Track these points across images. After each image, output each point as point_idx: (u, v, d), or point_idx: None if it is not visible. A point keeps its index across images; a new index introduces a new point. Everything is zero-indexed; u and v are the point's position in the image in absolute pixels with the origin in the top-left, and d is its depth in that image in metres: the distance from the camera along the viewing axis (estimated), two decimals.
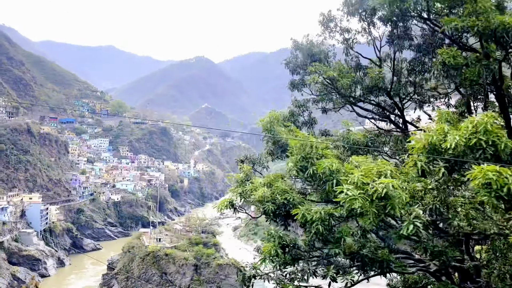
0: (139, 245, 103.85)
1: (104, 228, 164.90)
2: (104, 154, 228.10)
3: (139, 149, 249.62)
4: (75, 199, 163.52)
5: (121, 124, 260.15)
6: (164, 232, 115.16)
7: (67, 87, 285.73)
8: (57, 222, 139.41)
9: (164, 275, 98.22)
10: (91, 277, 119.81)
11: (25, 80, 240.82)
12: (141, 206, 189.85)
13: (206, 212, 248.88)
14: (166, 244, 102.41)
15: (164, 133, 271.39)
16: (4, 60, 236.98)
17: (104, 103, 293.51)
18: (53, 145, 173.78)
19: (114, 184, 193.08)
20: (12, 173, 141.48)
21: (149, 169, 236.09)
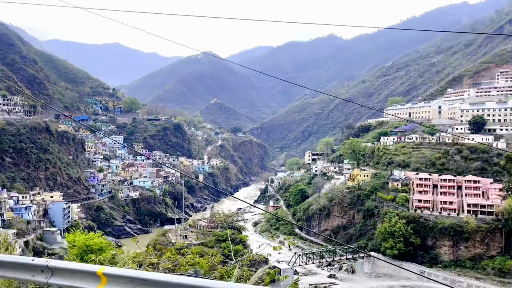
0: (165, 242, 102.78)
1: (123, 225, 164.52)
2: (119, 151, 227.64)
3: (153, 145, 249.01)
4: (94, 196, 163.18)
5: (135, 121, 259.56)
6: (188, 228, 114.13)
7: (79, 85, 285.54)
8: (78, 220, 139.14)
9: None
10: None
11: (38, 79, 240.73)
12: (159, 203, 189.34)
13: (222, 207, 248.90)
14: (192, 241, 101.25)
15: (177, 129, 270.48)
16: (18, 59, 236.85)
17: (117, 100, 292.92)
18: (71, 143, 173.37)
19: (131, 181, 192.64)
20: (33, 172, 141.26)
21: (164, 166, 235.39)
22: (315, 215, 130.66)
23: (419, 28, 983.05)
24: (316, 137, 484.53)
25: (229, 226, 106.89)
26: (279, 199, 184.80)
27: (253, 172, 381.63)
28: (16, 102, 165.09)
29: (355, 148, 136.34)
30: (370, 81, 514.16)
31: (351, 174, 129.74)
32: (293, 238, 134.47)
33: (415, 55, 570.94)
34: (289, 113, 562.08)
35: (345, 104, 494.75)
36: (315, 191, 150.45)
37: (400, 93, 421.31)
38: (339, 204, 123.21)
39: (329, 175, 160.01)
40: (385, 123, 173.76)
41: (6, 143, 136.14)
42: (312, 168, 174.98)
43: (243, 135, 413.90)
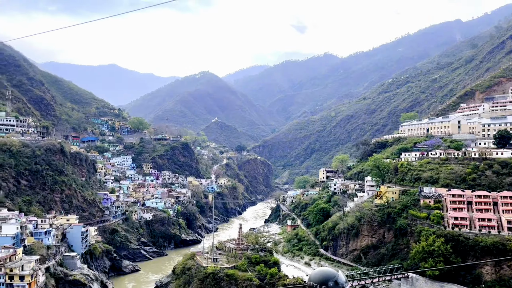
0: (195, 266, 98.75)
1: (139, 248, 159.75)
2: (128, 171, 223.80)
3: (162, 165, 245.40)
4: (108, 219, 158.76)
5: (143, 141, 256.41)
6: (216, 251, 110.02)
7: (85, 105, 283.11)
8: (96, 244, 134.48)
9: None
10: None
11: (46, 100, 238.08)
12: (173, 224, 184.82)
13: (232, 227, 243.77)
14: (224, 264, 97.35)
15: (185, 148, 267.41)
16: (25, 81, 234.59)
17: (123, 120, 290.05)
18: (83, 164, 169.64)
19: (143, 202, 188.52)
20: (48, 195, 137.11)
21: (173, 186, 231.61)
22: (342, 235, 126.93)
23: (413, 45, 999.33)
24: (319, 154, 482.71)
25: (261, 248, 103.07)
26: (295, 218, 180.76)
27: (258, 191, 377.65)
28: (29, 123, 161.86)
29: (380, 165, 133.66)
30: (371, 98, 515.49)
31: (378, 191, 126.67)
32: (319, 259, 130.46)
33: (414, 71, 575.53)
34: (290, 130, 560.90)
35: (347, 121, 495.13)
36: (339, 209, 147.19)
37: (403, 109, 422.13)
38: (368, 223, 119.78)
39: (350, 192, 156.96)
40: (402, 139, 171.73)
41: (22, 165, 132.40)
42: (330, 185, 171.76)
43: (247, 153, 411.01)
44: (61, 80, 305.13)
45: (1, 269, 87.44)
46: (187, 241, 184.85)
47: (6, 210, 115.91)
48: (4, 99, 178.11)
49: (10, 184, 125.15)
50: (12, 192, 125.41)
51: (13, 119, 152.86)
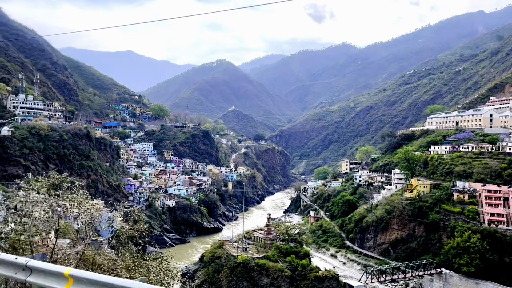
0: (225, 255, 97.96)
1: (162, 235, 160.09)
2: (150, 158, 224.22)
3: (183, 152, 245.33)
4: (132, 205, 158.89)
5: (163, 128, 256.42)
6: (245, 240, 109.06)
7: (106, 91, 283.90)
8: (122, 230, 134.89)
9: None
10: None
11: (69, 85, 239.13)
12: (195, 212, 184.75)
13: (251, 216, 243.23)
14: (254, 254, 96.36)
15: (206, 136, 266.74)
16: (49, 65, 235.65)
17: (143, 107, 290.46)
18: (108, 149, 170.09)
19: (166, 189, 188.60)
20: (75, 179, 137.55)
21: (193, 173, 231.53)
22: (370, 228, 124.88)
23: (434, 36, 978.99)
24: (337, 145, 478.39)
25: (291, 238, 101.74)
26: (317, 209, 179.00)
27: (276, 181, 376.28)
28: (55, 107, 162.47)
29: (410, 158, 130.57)
30: (391, 89, 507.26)
31: (409, 184, 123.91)
32: (346, 251, 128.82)
33: (436, 63, 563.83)
34: (308, 120, 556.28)
35: (366, 112, 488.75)
36: (365, 202, 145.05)
37: (425, 102, 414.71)
38: (398, 216, 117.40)
39: (376, 185, 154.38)
40: (430, 132, 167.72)
41: (50, 149, 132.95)
42: (355, 177, 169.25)
43: (265, 143, 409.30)
44: (83, 66, 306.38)
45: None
46: (208, 229, 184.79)
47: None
48: (30, 82, 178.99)
49: (39, 168, 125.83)
50: (41, 176, 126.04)
51: (41, 103, 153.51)
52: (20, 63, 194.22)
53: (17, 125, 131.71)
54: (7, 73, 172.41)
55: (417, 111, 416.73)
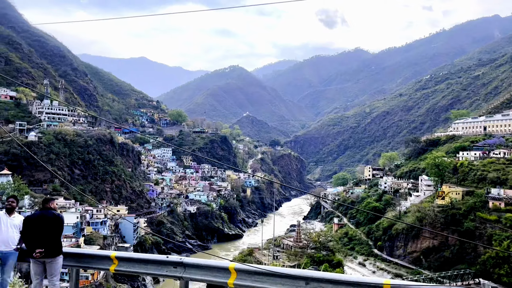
0: (256, 262, 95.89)
1: (184, 241, 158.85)
2: (169, 164, 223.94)
3: (201, 158, 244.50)
4: (155, 210, 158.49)
5: (182, 133, 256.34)
6: (274, 248, 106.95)
7: (125, 97, 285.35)
8: (146, 236, 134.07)
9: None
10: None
11: (89, 91, 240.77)
12: (216, 218, 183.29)
13: (270, 222, 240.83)
14: (285, 262, 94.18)
15: (224, 142, 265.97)
16: (69, 71, 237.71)
17: (161, 112, 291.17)
18: (130, 155, 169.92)
19: (186, 194, 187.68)
20: (100, 185, 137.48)
21: (212, 179, 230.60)
22: (400, 235, 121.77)
23: (449, 41, 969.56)
24: (353, 151, 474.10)
25: (323, 246, 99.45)
26: (340, 216, 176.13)
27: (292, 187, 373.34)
28: (78, 113, 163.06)
29: (440, 164, 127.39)
30: (408, 94, 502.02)
31: (440, 191, 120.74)
32: (374, 259, 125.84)
33: (453, 68, 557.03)
34: (322, 126, 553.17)
35: (382, 118, 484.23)
36: (392, 209, 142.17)
37: (443, 107, 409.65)
38: (430, 224, 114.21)
39: (402, 191, 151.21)
40: (457, 137, 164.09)
41: (75, 154, 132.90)
42: (380, 183, 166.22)
43: (281, 148, 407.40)
44: (101, 72, 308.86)
45: None
46: (229, 235, 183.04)
47: (63, 199, 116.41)
48: (53, 88, 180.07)
49: (65, 173, 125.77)
50: (67, 181, 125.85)
51: (65, 108, 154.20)
52: (43, 69, 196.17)
53: (44, 131, 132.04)
54: (31, 79, 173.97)
55: (435, 117, 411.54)
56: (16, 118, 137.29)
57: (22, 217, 11.58)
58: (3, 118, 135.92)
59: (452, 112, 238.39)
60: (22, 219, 11.36)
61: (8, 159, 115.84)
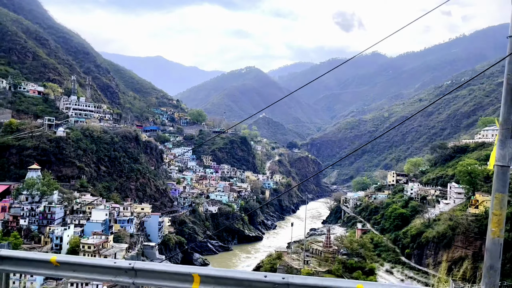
0: (286, 267, 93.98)
1: (206, 241, 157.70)
2: (190, 163, 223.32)
3: (221, 158, 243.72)
4: (178, 209, 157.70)
5: (202, 133, 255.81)
6: (301, 252, 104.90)
7: (145, 95, 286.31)
8: (170, 235, 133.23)
9: None
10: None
11: (111, 88, 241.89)
12: (237, 219, 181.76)
13: (288, 225, 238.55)
14: (317, 267, 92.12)
15: (244, 142, 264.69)
16: (93, 68, 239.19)
17: (181, 111, 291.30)
18: (153, 153, 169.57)
19: (207, 194, 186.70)
20: (125, 182, 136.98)
21: (232, 179, 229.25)
22: (430, 244, 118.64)
23: (468, 47, 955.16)
24: (370, 155, 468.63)
25: (356, 253, 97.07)
26: (363, 221, 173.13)
27: (309, 190, 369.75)
28: (104, 110, 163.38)
29: (472, 171, 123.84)
30: (427, 100, 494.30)
31: (473, 200, 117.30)
32: (402, 267, 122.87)
33: (474, 74, 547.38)
34: (340, 129, 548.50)
35: None
36: (419, 216, 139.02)
37: (464, 113, 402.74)
38: (463, 233, 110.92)
39: (430, 198, 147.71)
40: (487, 144, 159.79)
41: (102, 151, 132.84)
42: (406, 189, 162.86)
43: (299, 151, 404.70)
44: (123, 69, 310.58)
45: (96, 255, 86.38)
46: (250, 237, 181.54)
47: (89, 195, 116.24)
48: (78, 84, 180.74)
49: (92, 170, 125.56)
50: (93, 178, 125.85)
51: (92, 105, 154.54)
52: (69, 65, 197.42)
53: (71, 126, 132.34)
54: (58, 75, 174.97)
55: (456, 123, 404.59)
56: (44, 113, 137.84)
57: None
58: (32, 113, 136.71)
59: (480, 119, 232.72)
60: None
61: (37, 154, 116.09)
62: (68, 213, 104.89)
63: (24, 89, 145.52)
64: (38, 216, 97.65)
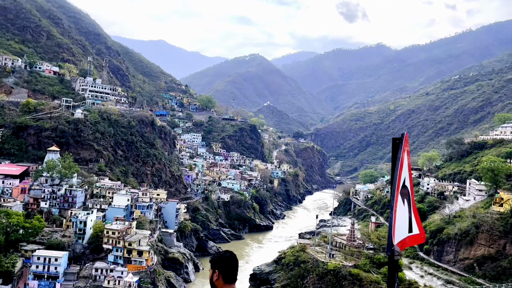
0: (311, 260, 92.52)
1: (219, 229, 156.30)
2: (200, 149, 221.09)
3: (230, 146, 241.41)
4: (191, 196, 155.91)
5: (211, 120, 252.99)
6: (324, 245, 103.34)
7: (154, 79, 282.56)
8: (186, 222, 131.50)
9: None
10: None
11: (122, 70, 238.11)
12: (248, 208, 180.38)
13: (296, 216, 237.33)
14: (343, 262, 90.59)
15: (253, 130, 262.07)
16: (103, 50, 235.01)
17: (190, 97, 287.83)
18: (167, 138, 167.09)
19: (219, 182, 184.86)
20: (141, 167, 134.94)
21: (241, 167, 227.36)
22: (452, 240, 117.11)
23: (475, 42, 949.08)
24: (375, 148, 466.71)
25: (382, 248, 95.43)
26: (375, 215, 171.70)
27: (313, 180, 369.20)
28: (119, 92, 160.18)
29: (496, 169, 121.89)
30: (435, 94, 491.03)
31: (498, 197, 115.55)
32: (421, 263, 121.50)
33: (481, 69, 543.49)
34: (345, 121, 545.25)
35: (407, 116, 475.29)
36: (436, 211, 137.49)
37: (472, 109, 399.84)
38: (488, 231, 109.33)
39: (448, 194, 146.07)
40: (506, 141, 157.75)
41: (119, 135, 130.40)
42: (422, 184, 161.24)
43: (304, 141, 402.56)
44: (132, 52, 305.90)
45: (120, 241, 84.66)
46: (260, 226, 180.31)
47: (108, 179, 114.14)
48: (89, 63, 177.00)
49: (110, 154, 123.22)
50: (111, 162, 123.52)
51: (108, 87, 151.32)
52: (82, 46, 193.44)
53: (89, 108, 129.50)
54: (72, 55, 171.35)
55: (463, 118, 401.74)
56: (61, 94, 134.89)
57: None
58: (48, 93, 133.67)
59: (496, 115, 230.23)
60: None
61: (56, 136, 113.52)
62: (88, 197, 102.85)
63: (40, 68, 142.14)
64: (59, 199, 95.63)
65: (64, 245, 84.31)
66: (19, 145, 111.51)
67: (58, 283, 77.70)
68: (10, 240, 78.70)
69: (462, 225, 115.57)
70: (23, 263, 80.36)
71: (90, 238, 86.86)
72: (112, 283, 78.78)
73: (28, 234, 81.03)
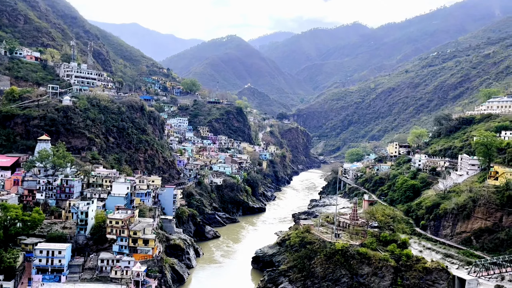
0: (317, 241, 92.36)
1: (214, 213, 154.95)
2: (187, 134, 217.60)
3: (218, 129, 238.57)
4: (184, 181, 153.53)
5: (197, 103, 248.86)
6: (326, 224, 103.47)
7: (135, 63, 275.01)
8: (183, 208, 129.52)
9: (355, 277, 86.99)
10: (237, 271, 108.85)
11: (103, 55, 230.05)
12: (241, 191, 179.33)
13: (286, 196, 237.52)
14: (349, 241, 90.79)
15: (240, 113, 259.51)
16: (82, 33, 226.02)
17: (173, 80, 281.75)
18: (156, 123, 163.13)
19: (211, 166, 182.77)
20: (134, 154, 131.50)
21: (229, 150, 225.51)
22: (449, 215, 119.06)
23: (449, 19, 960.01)
24: (357, 126, 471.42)
25: (387, 226, 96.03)
26: (367, 193, 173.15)
27: (299, 161, 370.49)
28: (105, 77, 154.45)
29: (489, 143, 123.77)
30: (414, 71, 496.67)
31: (492, 171, 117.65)
32: (418, 238, 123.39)
33: (457, 45, 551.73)
34: (326, 100, 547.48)
35: (388, 94, 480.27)
36: (429, 187, 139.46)
37: (452, 85, 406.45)
38: (484, 204, 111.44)
39: (440, 170, 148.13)
40: (494, 116, 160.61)
41: (110, 121, 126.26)
42: (413, 161, 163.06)
43: (288, 122, 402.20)
44: (110, 36, 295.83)
45: (124, 231, 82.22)
46: (254, 209, 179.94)
47: (102, 168, 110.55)
48: (72, 48, 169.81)
49: (102, 141, 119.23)
50: (103, 149, 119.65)
51: (94, 72, 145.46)
52: (61, 30, 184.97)
53: (76, 95, 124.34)
54: (51, 40, 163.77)
55: (443, 94, 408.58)
56: (45, 80, 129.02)
57: None
58: (32, 80, 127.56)
59: (481, 90, 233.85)
60: None
61: (45, 124, 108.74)
62: (85, 186, 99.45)
63: (21, 54, 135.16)
64: (55, 190, 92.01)
65: (66, 237, 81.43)
66: (7, 135, 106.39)
67: (63, 276, 75.19)
68: (9, 234, 75.35)
69: (459, 200, 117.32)
70: (25, 257, 77.34)
71: (92, 229, 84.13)
72: (119, 274, 76.78)
73: (27, 227, 77.73)
